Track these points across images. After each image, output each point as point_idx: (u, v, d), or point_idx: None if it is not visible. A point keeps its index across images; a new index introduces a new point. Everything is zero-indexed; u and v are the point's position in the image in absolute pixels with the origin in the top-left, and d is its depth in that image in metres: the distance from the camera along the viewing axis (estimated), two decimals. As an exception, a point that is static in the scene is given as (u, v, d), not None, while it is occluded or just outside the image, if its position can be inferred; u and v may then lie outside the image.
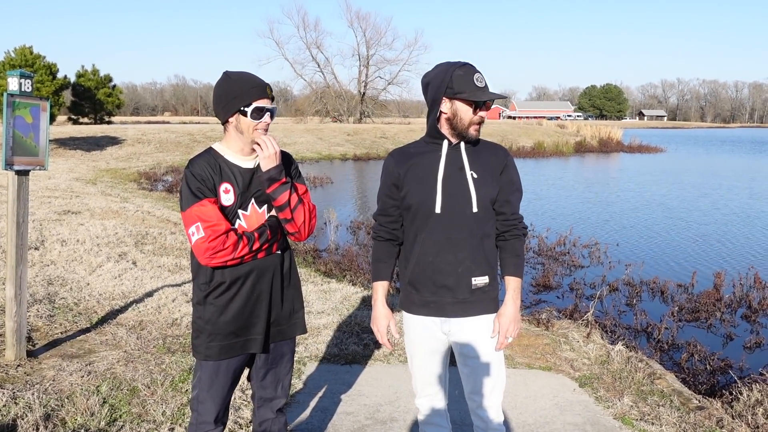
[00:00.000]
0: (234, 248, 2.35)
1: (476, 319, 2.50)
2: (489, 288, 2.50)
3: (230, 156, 2.46)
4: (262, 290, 2.50)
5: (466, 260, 2.44)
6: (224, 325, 2.45)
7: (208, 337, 2.45)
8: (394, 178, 2.53)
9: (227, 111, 2.41)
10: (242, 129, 2.42)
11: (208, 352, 2.46)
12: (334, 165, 28.82)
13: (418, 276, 2.50)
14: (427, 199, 2.44)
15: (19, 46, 28.18)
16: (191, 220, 2.33)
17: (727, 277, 8.50)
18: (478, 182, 2.44)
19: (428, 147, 2.51)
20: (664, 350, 6.12)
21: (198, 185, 2.36)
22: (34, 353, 4.43)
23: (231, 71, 2.45)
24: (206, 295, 2.44)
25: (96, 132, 30.77)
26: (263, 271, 2.49)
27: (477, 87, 2.37)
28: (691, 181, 22.53)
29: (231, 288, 2.44)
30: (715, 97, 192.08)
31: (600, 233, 12.18)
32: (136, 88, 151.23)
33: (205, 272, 2.43)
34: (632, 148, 42.07)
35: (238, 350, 2.49)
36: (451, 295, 2.47)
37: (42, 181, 14.74)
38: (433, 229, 2.45)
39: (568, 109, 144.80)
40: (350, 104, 63.53)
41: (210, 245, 2.30)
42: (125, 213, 10.78)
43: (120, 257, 7.38)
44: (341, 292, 6.57)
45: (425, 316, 2.52)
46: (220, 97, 2.42)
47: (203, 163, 2.41)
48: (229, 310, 2.45)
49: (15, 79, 4.05)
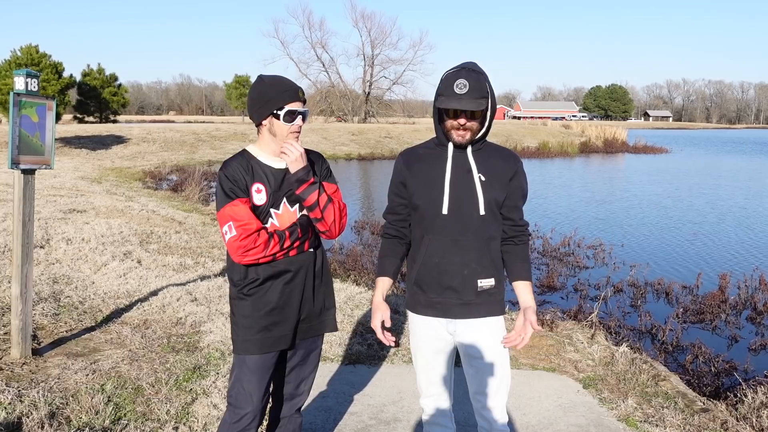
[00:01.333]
0: (265, 246, 2.42)
1: (482, 321, 2.51)
2: (495, 290, 2.51)
3: (263, 157, 2.53)
4: (295, 287, 2.56)
5: (472, 262, 2.45)
6: (258, 320, 2.51)
7: (243, 331, 2.51)
8: (403, 177, 2.56)
9: (261, 114, 2.49)
10: (275, 132, 2.49)
11: (245, 346, 2.51)
12: (338, 165, 28.82)
13: (424, 276, 2.51)
14: (434, 200, 2.46)
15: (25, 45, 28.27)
16: (224, 219, 2.41)
17: (733, 278, 8.47)
18: (486, 185, 2.45)
19: (437, 149, 2.53)
20: (669, 352, 6.10)
21: (231, 186, 2.44)
22: (39, 351, 4.44)
23: (265, 75, 2.52)
24: (240, 291, 2.51)
25: (101, 131, 30.85)
26: (296, 269, 2.55)
27: (452, 93, 2.34)
28: (696, 182, 22.46)
29: (264, 284, 2.51)
30: (721, 97, 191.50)
31: (605, 234, 12.15)
32: (141, 87, 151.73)
33: (239, 270, 2.50)
34: (637, 149, 41.98)
35: (270, 346, 2.54)
36: (456, 296, 2.47)
37: (47, 180, 14.79)
38: (439, 231, 2.46)
39: (573, 109, 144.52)
40: (355, 104, 63.58)
41: (242, 243, 2.38)
42: (130, 212, 10.80)
43: (125, 256, 7.40)
44: (345, 292, 6.57)
45: (431, 316, 2.54)
46: (254, 101, 2.50)
47: (236, 164, 2.49)
48: (263, 305, 2.51)
49: (21, 78, 4.07)
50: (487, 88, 2.39)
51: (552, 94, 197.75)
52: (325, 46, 65.27)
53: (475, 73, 2.37)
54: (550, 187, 20.49)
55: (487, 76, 2.42)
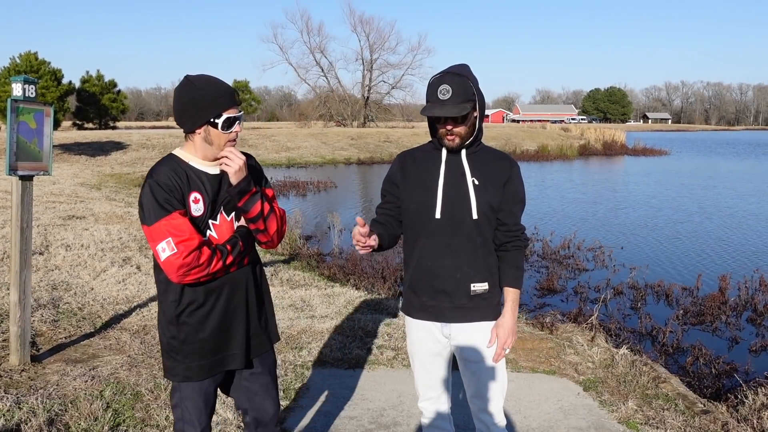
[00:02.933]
0: (208, 263, 2.20)
1: (475, 325, 2.50)
2: (489, 294, 2.49)
3: (195, 162, 2.30)
4: (238, 304, 2.38)
5: (465, 266, 2.44)
6: (202, 343, 2.32)
7: (186, 358, 2.31)
8: (396, 179, 2.56)
9: (195, 122, 2.24)
10: (212, 140, 2.27)
11: (188, 373, 2.32)
12: (338, 169, 28.83)
13: (417, 280, 2.51)
14: (427, 203, 2.44)
15: (24, 52, 28.35)
16: (160, 235, 2.14)
17: (733, 280, 8.46)
18: (479, 189, 2.43)
19: (431, 153, 2.53)
20: (669, 354, 6.09)
21: (165, 196, 2.17)
22: (38, 358, 4.44)
23: (193, 76, 2.27)
24: (179, 314, 2.29)
25: (101, 137, 30.87)
26: (236, 284, 2.37)
27: (436, 99, 2.32)
28: (695, 184, 22.47)
29: (205, 304, 2.31)
30: (720, 99, 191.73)
31: (604, 236, 12.15)
32: (140, 93, 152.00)
33: (175, 289, 2.27)
34: (636, 151, 42.00)
35: (218, 367, 2.38)
36: (449, 300, 2.47)
37: (47, 187, 14.79)
38: (432, 234, 2.45)
39: (572, 112, 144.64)
40: (354, 108, 63.58)
41: (184, 261, 2.14)
42: (129, 218, 10.80)
43: (124, 262, 7.39)
44: (345, 296, 6.56)
45: (424, 320, 2.54)
46: (185, 108, 2.24)
47: (169, 171, 2.23)
48: (207, 327, 2.32)
49: (19, 84, 4.07)
50: (472, 91, 2.34)
51: (551, 97, 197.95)
52: (323, 50, 65.35)
53: (459, 77, 2.33)
54: (549, 189, 20.49)
55: (472, 78, 2.38)
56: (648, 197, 18.55)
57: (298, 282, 7.41)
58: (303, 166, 29.85)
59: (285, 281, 7.41)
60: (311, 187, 20.22)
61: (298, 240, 10.47)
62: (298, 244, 10.25)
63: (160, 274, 2.31)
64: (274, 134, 38.95)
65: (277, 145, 34.49)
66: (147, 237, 2.21)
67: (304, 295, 6.45)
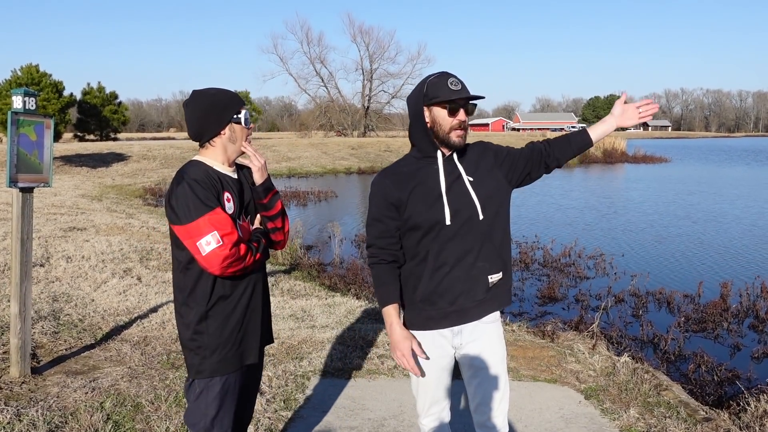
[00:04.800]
0: (245, 257, 2.32)
1: (488, 329, 2.50)
2: (502, 281, 2.51)
3: (218, 167, 2.42)
4: (256, 299, 2.50)
5: (480, 261, 2.44)
6: (228, 337, 2.41)
7: (213, 353, 2.38)
8: (394, 199, 2.42)
9: (221, 122, 2.38)
10: (236, 137, 2.42)
11: (216, 367, 2.38)
12: (338, 179, 28.87)
13: (435, 290, 2.43)
14: (436, 214, 2.39)
15: (25, 65, 28.50)
16: (205, 229, 2.22)
17: (734, 286, 8.45)
18: (476, 184, 2.44)
19: (421, 163, 2.45)
20: (671, 361, 6.08)
21: (206, 193, 2.27)
22: (38, 370, 4.43)
23: (199, 89, 2.42)
24: (208, 310, 2.37)
25: (102, 149, 30.95)
26: (257, 282, 2.49)
27: (451, 90, 2.34)
28: (696, 191, 22.47)
29: (231, 297, 2.41)
30: (719, 106, 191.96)
31: (605, 244, 12.14)
32: (141, 104, 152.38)
33: (204, 287, 2.36)
34: (637, 159, 42.05)
35: (240, 361, 2.46)
36: (470, 299, 2.45)
37: (48, 198, 14.82)
38: (445, 241, 2.41)
39: (572, 120, 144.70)
40: (354, 118, 63.77)
41: (229, 253, 2.24)
42: (130, 229, 10.81)
43: (125, 273, 7.40)
44: (346, 305, 6.56)
45: (444, 328, 2.47)
46: (208, 113, 2.37)
47: (201, 172, 2.34)
48: (232, 321, 2.42)
49: (19, 97, 4.09)
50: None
51: (551, 105, 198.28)
52: (323, 61, 65.72)
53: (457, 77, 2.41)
54: (550, 197, 20.50)
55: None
56: (649, 204, 18.54)
57: (299, 292, 7.41)
58: (304, 176, 29.89)
59: (286, 291, 7.40)
60: (312, 197, 20.25)
61: (298, 250, 10.47)
62: (298, 254, 10.25)
63: (187, 273, 2.35)
64: (274, 144, 39.04)
65: (277, 155, 34.56)
66: (182, 235, 2.27)
67: (304, 305, 6.44)
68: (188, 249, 2.28)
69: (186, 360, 2.44)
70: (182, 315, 2.41)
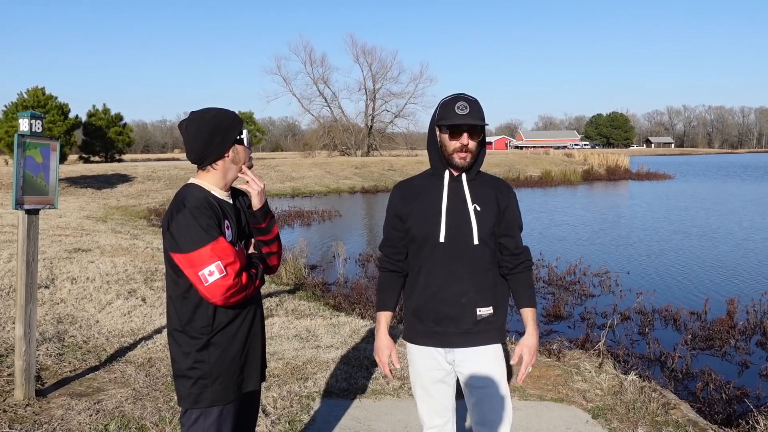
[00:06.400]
0: (247, 285, 2.30)
1: (481, 350, 2.51)
2: (493, 318, 2.52)
3: (216, 192, 2.37)
4: (256, 326, 2.48)
5: (470, 291, 2.47)
6: (230, 364, 2.35)
7: (215, 381, 2.32)
8: (398, 211, 2.57)
9: (225, 143, 2.33)
10: (239, 159, 2.39)
11: (217, 396, 2.32)
12: (342, 198, 28.91)
13: (422, 307, 2.52)
14: (432, 229, 2.47)
15: (31, 87, 28.75)
16: (207, 259, 2.16)
17: (741, 303, 8.40)
18: (480, 215, 2.47)
19: (432, 180, 2.55)
20: (679, 379, 6.02)
21: (207, 222, 2.21)
22: (42, 392, 4.42)
23: (198, 110, 2.35)
24: (210, 338, 2.31)
25: (106, 170, 31.11)
26: (255, 306, 2.47)
27: (455, 113, 2.39)
28: (700, 208, 22.42)
29: (232, 325, 2.36)
30: (722, 123, 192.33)
31: (610, 261, 12.10)
32: (146, 126, 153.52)
33: (204, 315, 2.29)
34: (640, 176, 42.04)
35: (240, 389, 2.42)
36: (455, 325, 2.48)
37: (53, 220, 14.87)
38: (437, 260, 2.47)
39: (575, 137, 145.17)
40: (357, 138, 63.99)
41: (232, 283, 2.20)
42: (135, 250, 10.83)
43: (129, 294, 7.39)
44: (350, 325, 6.54)
45: (429, 346, 2.54)
46: (212, 134, 2.29)
47: (202, 199, 2.28)
48: (233, 348, 2.36)
49: (26, 120, 4.13)
50: (483, 114, 2.44)
51: (553, 123, 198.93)
52: (327, 81, 66.03)
53: (471, 100, 2.44)
54: (554, 215, 20.48)
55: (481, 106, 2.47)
56: (653, 221, 18.50)
57: (303, 312, 7.39)
58: (307, 195, 29.94)
59: (290, 311, 7.38)
60: (316, 217, 20.27)
61: (302, 269, 10.46)
62: (302, 274, 10.23)
63: (185, 301, 2.28)
64: (278, 164, 39.17)
65: (281, 175, 34.67)
66: (182, 263, 2.20)
67: (309, 325, 6.42)
68: (188, 278, 2.22)
69: (180, 389, 2.34)
70: (180, 343, 2.33)
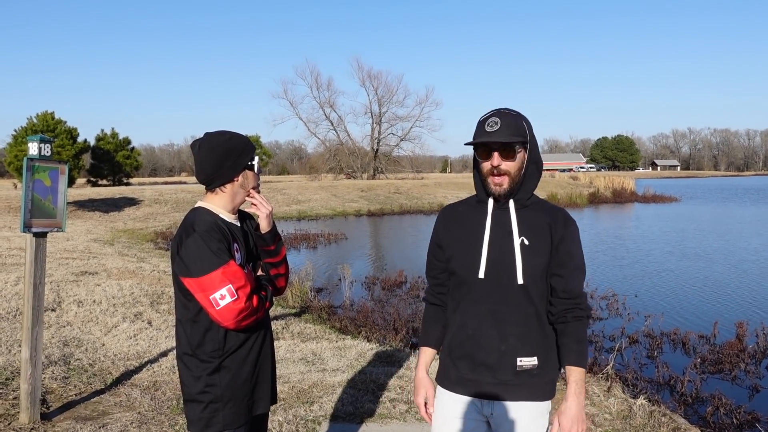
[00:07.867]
0: (258, 309, 2.30)
1: (520, 405, 2.17)
2: (538, 371, 2.17)
3: (225, 215, 2.38)
4: (267, 348, 2.47)
5: (511, 337, 2.15)
6: (241, 388, 2.35)
7: (226, 405, 2.31)
8: (439, 239, 2.33)
9: (236, 168, 2.34)
10: (248, 184, 2.41)
11: (228, 420, 2.30)
12: (348, 221, 28.94)
13: (456, 349, 2.23)
14: (471, 264, 2.18)
15: (41, 112, 29.05)
16: (218, 283, 2.17)
17: (750, 326, 8.32)
18: (528, 250, 2.14)
19: (477, 207, 2.26)
20: (689, 404, 5.95)
21: (218, 246, 2.22)
22: (48, 416, 4.40)
23: (212, 132, 2.36)
24: (221, 362, 2.30)
25: (114, 193, 31.29)
26: (265, 329, 2.47)
27: (483, 131, 2.12)
28: (707, 230, 22.33)
29: (243, 348, 2.35)
30: (728, 145, 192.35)
31: (618, 284, 12.03)
32: (154, 149, 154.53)
33: (214, 339, 2.29)
34: (647, 198, 41.98)
35: (250, 412, 2.40)
36: (491, 374, 2.17)
37: (61, 243, 14.93)
38: (475, 299, 2.18)
39: (581, 160, 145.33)
40: (363, 161, 64.23)
41: (244, 307, 2.21)
42: (141, 273, 10.85)
43: (135, 317, 7.39)
44: (356, 348, 6.50)
45: (461, 395, 2.24)
46: (223, 158, 2.31)
47: (212, 222, 2.29)
48: (244, 371, 2.36)
49: (35, 144, 4.17)
50: (524, 129, 2.15)
51: (559, 146, 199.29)
52: (333, 105, 66.44)
53: (511, 114, 2.15)
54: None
55: (526, 119, 2.19)
56: (661, 244, 18.43)
57: (309, 335, 7.37)
58: (314, 218, 29.99)
59: (296, 334, 7.36)
60: (322, 240, 20.28)
61: (309, 292, 10.44)
62: (309, 297, 10.21)
63: (195, 325, 2.29)
64: (284, 188, 39.31)
65: (288, 198, 34.79)
66: (193, 288, 2.22)
67: (315, 348, 6.40)
68: (199, 302, 2.23)
69: (190, 414, 2.33)
70: (190, 367, 2.32)
